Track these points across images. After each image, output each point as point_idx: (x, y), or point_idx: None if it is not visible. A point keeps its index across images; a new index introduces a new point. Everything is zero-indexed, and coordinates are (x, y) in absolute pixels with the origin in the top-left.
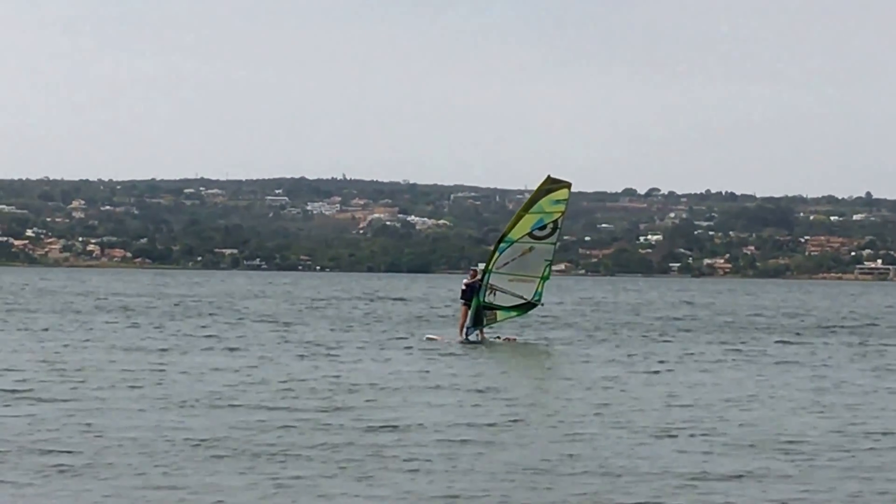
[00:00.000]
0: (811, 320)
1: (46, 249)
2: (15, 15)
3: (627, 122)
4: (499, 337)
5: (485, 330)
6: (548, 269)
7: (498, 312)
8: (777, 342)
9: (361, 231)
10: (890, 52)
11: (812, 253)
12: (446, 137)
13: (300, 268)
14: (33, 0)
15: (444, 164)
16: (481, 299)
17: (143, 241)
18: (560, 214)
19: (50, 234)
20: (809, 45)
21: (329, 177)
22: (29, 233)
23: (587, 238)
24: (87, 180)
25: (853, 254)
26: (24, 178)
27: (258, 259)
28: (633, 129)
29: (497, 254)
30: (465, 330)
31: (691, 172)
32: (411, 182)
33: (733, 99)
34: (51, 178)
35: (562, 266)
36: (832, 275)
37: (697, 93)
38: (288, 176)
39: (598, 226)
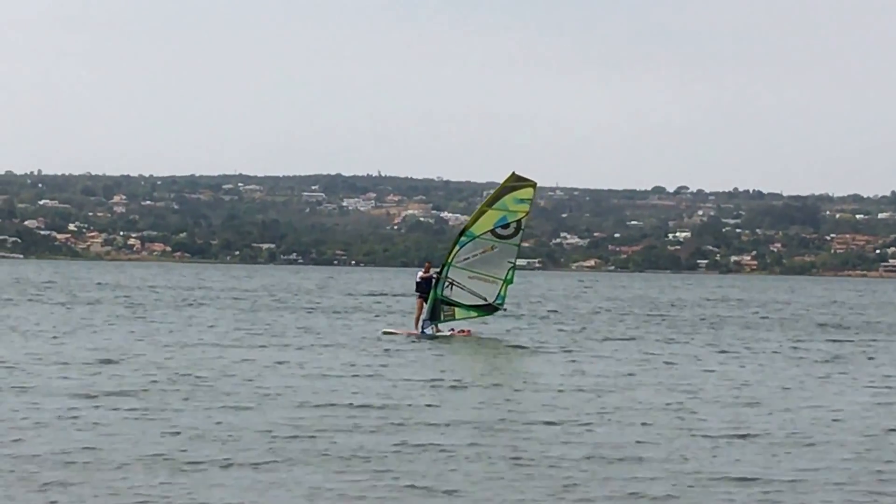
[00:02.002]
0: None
1: (88, 243)
2: (57, 12)
3: (657, 121)
4: (452, 330)
5: (439, 326)
6: (511, 272)
7: (457, 310)
8: None
9: (396, 227)
10: None
11: (837, 250)
12: (479, 135)
13: (335, 262)
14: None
15: (477, 162)
16: (439, 293)
17: (183, 235)
18: (524, 214)
19: (92, 228)
20: (838, 44)
21: (364, 173)
22: (71, 227)
23: (617, 235)
24: (128, 176)
25: (878, 251)
26: (66, 174)
27: (294, 254)
28: (662, 128)
29: (457, 247)
30: (421, 323)
31: (719, 171)
32: (445, 179)
33: (761, 98)
34: (93, 174)
35: (591, 262)
36: (857, 272)
37: (726, 92)
38: (324, 172)
39: (628, 223)
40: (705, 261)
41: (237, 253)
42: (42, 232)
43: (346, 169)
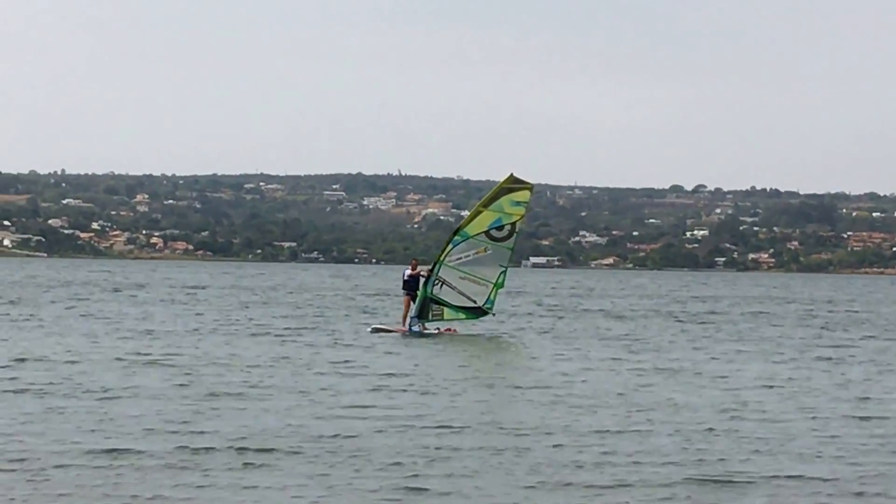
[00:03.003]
0: None
1: (111, 242)
2: (81, 12)
3: (675, 120)
4: (438, 328)
5: (425, 324)
6: (502, 276)
7: (446, 310)
8: None
9: (416, 225)
10: None
11: (854, 248)
12: (499, 134)
13: (356, 261)
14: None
15: (497, 161)
16: (429, 291)
17: (205, 234)
18: (519, 217)
19: (115, 227)
20: (856, 42)
21: (385, 172)
22: (94, 226)
23: (635, 233)
24: (150, 175)
25: (894, 249)
26: (90, 173)
27: (315, 252)
28: (680, 127)
29: (450, 246)
30: (409, 320)
31: (737, 169)
32: (465, 178)
33: (779, 97)
34: (116, 173)
35: (610, 260)
36: (874, 269)
37: (743, 92)
38: (345, 171)
39: (646, 221)
40: (723, 259)
41: (259, 251)
42: (65, 231)
43: (366, 168)
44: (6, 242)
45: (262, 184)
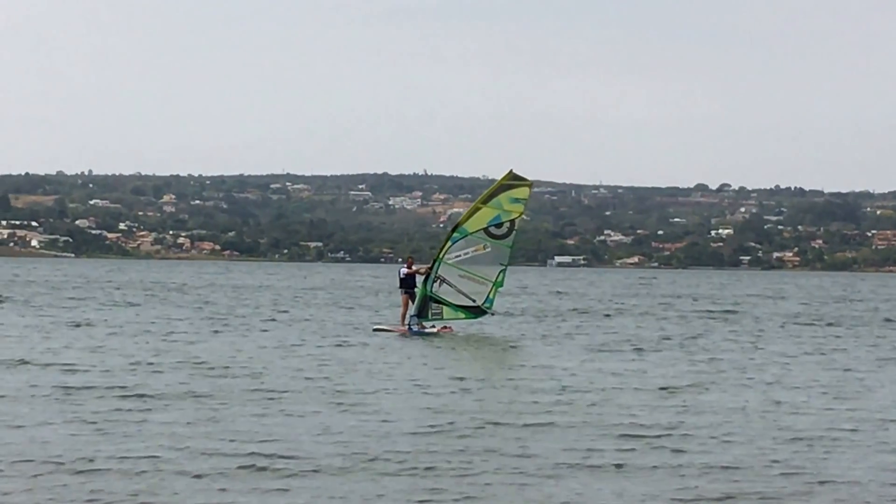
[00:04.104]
0: None
1: (138, 242)
2: (107, 14)
3: (699, 120)
4: (433, 326)
5: (423, 323)
6: (502, 274)
7: (445, 309)
8: None
9: (442, 225)
10: None
11: (878, 247)
12: (524, 134)
13: (382, 260)
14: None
15: (522, 160)
16: (428, 289)
17: (232, 234)
18: (518, 215)
19: (142, 227)
20: (879, 41)
21: (410, 172)
22: (122, 226)
23: (660, 232)
24: (177, 175)
25: None
26: (117, 174)
27: (342, 252)
28: (705, 126)
29: (449, 243)
30: (408, 320)
31: (761, 168)
32: (490, 177)
33: (801, 97)
34: (143, 174)
35: (635, 259)
36: None
37: (768, 91)
38: (371, 171)
39: (671, 220)
40: (747, 257)
41: (285, 251)
42: (93, 231)
43: (392, 168)
44: (34, 243)
45: (288, 184)
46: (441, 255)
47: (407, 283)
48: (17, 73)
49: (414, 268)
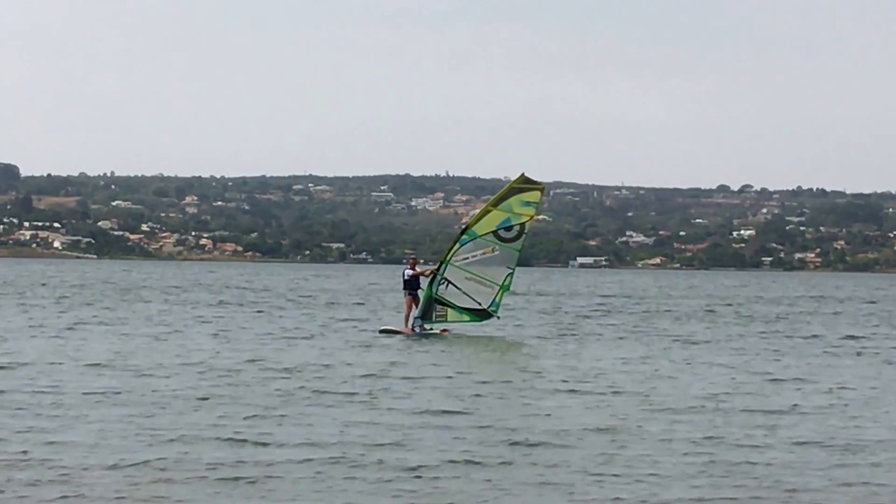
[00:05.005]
0: None
1: (160, 243)
2: (129, 16)
3: (721, 121)
4: (431, 328)
5: (425, 325)
6: (509, 278)
7: (450, 311)
8: None
9: (464, 226)
10: None
11: None
12: (545, 135)
13: (404, 262)
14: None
15: (543, 162)
16: (433, 291)
17: (254, 235)
18: (529, 218)
19: (164, 228)
20: None
21: (433, 174)
22: (144, 227)
23: (682, 233)
24: (199, 177)
25: None
26: (139, 175)
27: (364, 253)
28: (726, 128)
29: (458, 245)
30: (412, 321)
31: (783, 169)
32: (511, 179)
33: (823, 98)
34: (165, 175)
35: (657, 260)
36: None
37: (789, 92)
38: (393, 173)
39: (693, 221)
40: (769, 258)
41: (307, 252)
42: (115, 232)
43: (414, 169)
44: (56, 244)
45: (310, 185)
46: (448, 257)
47: (411, 285)
48: (40, 76)
49: (418, 269)
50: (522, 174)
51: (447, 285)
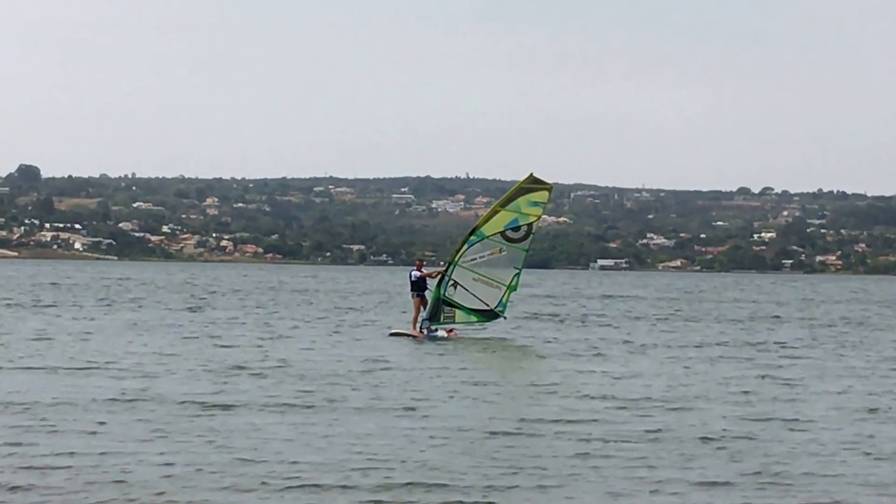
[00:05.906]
0: None
1: (181, 245)
2: (153, 17)
3: (742, 123)
4: (436, 329)
5: (431, 326)
6: (516, 278)
7: (458, 312)
8: None
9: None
10: None
11: None
12: (566, 137)
13: (425, 263)
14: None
15: (564, 164)
16: (442, 293)
17: (275, 237)
18: (536, 218)
19: (185, 230)
20: None
21: (453, 175)
22: (165, 229)
23: (702, 235)
24: (220, 178)
25: None
26: (161, 177)
27: (384, 255)
28: (747, 130)
29: (466, 246)
30: (420, 324)
31: (804, 172)
32: None
33: (844, 101)
34: (186, 177)
35: (678, 262)
36: None
37: (810, 94)
38: (413, 175)
39: (713, 223)
40: (790, 261)
41: (328, 254)
42: (136, 234)
43: (434, 171)
44: (77, 245)
45: (331, 187)
46: (456, 259)
47: (418, 286)
48: (60, 77)
49: (425, 270)
50: (531, 174)
51: (456, 287)
